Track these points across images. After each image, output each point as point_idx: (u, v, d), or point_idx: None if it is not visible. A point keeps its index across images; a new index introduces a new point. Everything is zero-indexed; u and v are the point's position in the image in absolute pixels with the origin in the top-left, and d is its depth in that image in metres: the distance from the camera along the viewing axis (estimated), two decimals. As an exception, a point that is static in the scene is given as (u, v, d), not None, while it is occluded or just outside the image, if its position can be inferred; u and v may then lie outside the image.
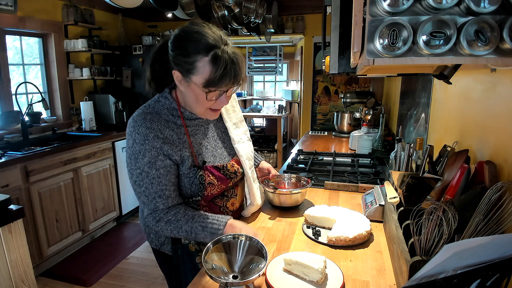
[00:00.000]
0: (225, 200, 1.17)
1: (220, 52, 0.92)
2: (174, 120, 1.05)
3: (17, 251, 1.41)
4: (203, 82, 0.94)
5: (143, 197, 1.03)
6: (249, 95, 6.17)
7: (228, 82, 0.95)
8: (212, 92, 0.96)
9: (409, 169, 1.22)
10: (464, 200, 0.83)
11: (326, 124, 4.14)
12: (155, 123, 1.00)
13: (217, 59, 0.91)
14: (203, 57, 0.92)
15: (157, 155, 0.99)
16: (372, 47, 0.59)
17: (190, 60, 0.93)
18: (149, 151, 0.98)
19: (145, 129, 0.98)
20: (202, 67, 0.92)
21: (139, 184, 1.02)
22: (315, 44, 3.97)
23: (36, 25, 3.04)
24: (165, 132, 1.01)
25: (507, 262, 0.57)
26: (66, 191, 2.74)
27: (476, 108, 1.04)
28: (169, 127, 1.03)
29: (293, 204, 1.37)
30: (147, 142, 0.98)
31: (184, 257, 1.11)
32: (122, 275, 2.59)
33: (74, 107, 3.52)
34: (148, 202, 1.02)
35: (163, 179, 1.01)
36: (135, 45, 3.79)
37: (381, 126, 2.28)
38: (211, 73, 0.92)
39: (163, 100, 1.06)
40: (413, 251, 0.82)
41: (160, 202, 1.02)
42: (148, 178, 1.00)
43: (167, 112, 1.05)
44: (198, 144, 1.08)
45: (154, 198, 1.02)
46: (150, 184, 1.00)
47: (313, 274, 0.89)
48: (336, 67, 0.98)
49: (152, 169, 0.99)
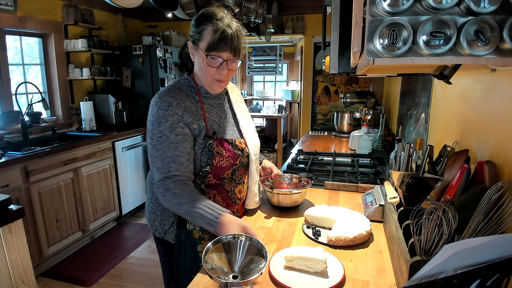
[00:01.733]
0: (233, 185, 1.23)
1: (223, 24, 1.07)
2: (192, 96, 1.19)
3: (17, 251, 1.41)
4: (206, 47, 1.08)
5: (158, 162, 1.11)
6: (249, 95, 6.17)
7: (226, 49, 1.08)
8: (213, 58, 1.09)
9: (409, 169, 1.22)
10: (464, 200, 0.83)
11: (326, 124, 4.14)
12: (177, 94, 1.14)
13: (219, 27, 1.07)
14: (208, 26, 1.08)
15: (178, 121, 1.10)
16: (372, 47, 0.59)
17: (198, 30, 1.10)
18: (171, 116, 1.10)
19: (170, 98, 1.11)
20: (206, 34, 1.08)
21: (158, 147, 1.10)
22: (315, 44, 3.97)
23: (36, 25, 3.04)
24: (186, 103, 1.14)
25: (507, 262, 0.57)
26: (66, 191, 2.74)
27: (476, 108, 1.04)
28: (189, 99, 1.16)
29: (292, 204, 1.37)
30: (171, 109, 1.10)
31: (187, 243, 1.16)
32: (122, 275, 2.59)
33: (74, 107, 3.52)
34: (162, 166, 1.10)
35: (180, 145, 1.10)
36: (135, 45, 3.79)
37: (381, 126, 2.28)
38: (211, 38, 1.07)
39: (182, 80, 1.22)
40: (413, 251, 0.82)
41: (174, 167, 1.10)
42: (166, 142, 1.09)
43: (187, 89, 1.20)
44: (211, 120, 1.19)
45: (168, 162, 1.09)
46: (168, 148, 1.09)
47: (317, 265, 0.92)
48: (336, 67, 0.98)
49: (172, 134, 1.09)
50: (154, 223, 1.26)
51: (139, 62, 3.81)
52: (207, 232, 1.17)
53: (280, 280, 0.90)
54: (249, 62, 5.37)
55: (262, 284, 0.91)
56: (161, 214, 1.24)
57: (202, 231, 1.17)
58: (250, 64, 5.39)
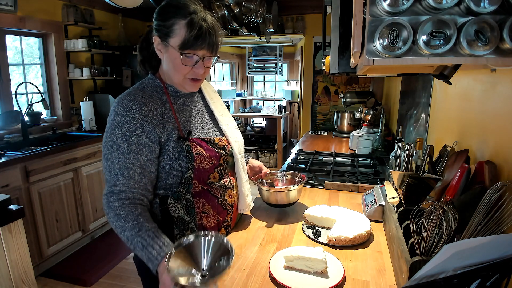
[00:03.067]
0: (222, 190, 1.13)
1: (197, 18, 0.96)
2: (159, 96, 1.06)
3: (17, 251, 1.41)
4: (179, 44, 0.97)
5: (107, 173, 0.98)
6: (249, 95, 6.17)
7: (203, 47, 0.98)
8: (187, 57, 0.99)
9: (409, 169, 1.22)
10: (464, 200, 0.83)
11: (326, 124, 4.14)
12: (139, 97, 1.00)
13: (193, 22, 0.95)
14: (181, 20, 0.96)
15: (135, 128, 0.97)
16: (372, 47, 0.59)
17: (168, 24, 0.97)
18: (128, 123, 0.97)
19: (128, 102, 0.98)
20: (179, 29, 0.96)
21: (107, 158, 0.98)
22: (315, 44, 3.97)
23: (36, 25, 3.03)
24: (149, 105, 1.00)
25: (507, 262, 0.57)
26: (66, 191, 2.74)
27: (476, 108, 1.04)
28: (153, 101, 1.03)
29: (291, 201, 1.34)
30: (129, 114, 0.97)
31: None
32: (122, 275, 2.59)
33: (74, 107, 3.52)
34: (110, 178, 0.98)
35: (131, 157, 0.97)
36: (135, 45, 3.79)
37: (381, 126, 2.28)
38: (186, 34, 0.96)
39: (146, 81, 1.10)
40: (413, 251, 0.82)
41: (121, 181, 0.97)
42: (116, 152, 0.97)
43: (151, 90, 1.07)
44: (184, 121, 1.08)
45: (116, 175, 0.97)
46: (117, 159, 0.97)
47: (317, 265, 0.92)
48: (336, 67, 0.98)
49: (124, 143, 0.97)
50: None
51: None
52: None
53: (280, 280, 0.90)
54: (249, 62, 5.37)
55: (262, 284, 0.91)
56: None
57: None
58: (250, 64, 5.39)
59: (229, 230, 1.19)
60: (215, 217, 1.11)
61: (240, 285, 0.91)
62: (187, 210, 1.06)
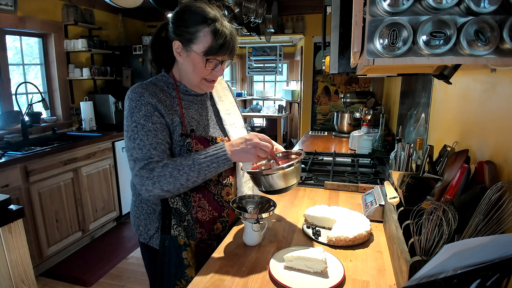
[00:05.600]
0: (219, 188, 1.15)
1: (220, 25, 1.03)
2: (168, 91, 1.12)
3: (17, 251, 1.41)
4: (203, 51, 1.03)
5: (137, 151, 1.00)
6: (249, 95, 6.17)
7: (226, 53, 1.05)
8: (210, 61, 1.05)
9: (409, 169, 1.22)
10: (464, 200, 0.83)
11: (326, 124, 4.14)
12: (150, 87, 1.06)
13: (218, 30, 1.02)
14: (205, 28, 1.02)
15: (153, 110, 1.03)
16: (372, 47, 0.59)
17: (191, 30, 1.02)
18: (145, 105, 1.02)
19: (141, 89, 1.04)
20: (204, 36, 1.02)
21: (134, 138, 1.01)
22: (315, 44, 3.97)
23: (36, 25, 3.04)
24: (159, 95, 1.06)
25: (507, 262, 0.57)
26: (66, 191, 2.74)
27: (476, 108, 1.04)
28: (163, 93, 1.09)
29: (288, 184, 1.05)
30: (143, 98, 1.03)
31: (171, 249, 1.10)
32: (122, 275, 2.59)
33: (74, 107, 3.52)
34: (142, 155, 0.99)
35: (159, 133, 1.02)
36: (135, 45, 3.79)
37: (381, 126, 2.28)
38: (212, 42, 1.02)
39: (159, 77, 1.15)
40: (413, 251, 0.82)
41: (155, 154, 1.00)
42: (143, 131, 1.01)
43: (163, 84, 1.12)
44: (189, 117, 1.11)
45: (149, 150, 1.00)
46: (146, 136, 1.00)
47: (317, 265, 0.93)
48: (336, 67, 0.98)
49: (148, 122, 1.02)
50: (139, 228, 1.19)
51: (139, 62, 3.81)
52: (193, 238, 1.12)
53: (280, 280, 0.90)
54: (249, 62, 5.37)
55: (262, 284, 0.91)
56: (145, 219, 1.16)
57: (187, 237, 1.11)
58: (250, 64, 5.39)
59: (226, 226, 1.20)
60: (210, 212, 1.14)
61: (240, 285, 0.91)
62: (184, 203, 1.11)
